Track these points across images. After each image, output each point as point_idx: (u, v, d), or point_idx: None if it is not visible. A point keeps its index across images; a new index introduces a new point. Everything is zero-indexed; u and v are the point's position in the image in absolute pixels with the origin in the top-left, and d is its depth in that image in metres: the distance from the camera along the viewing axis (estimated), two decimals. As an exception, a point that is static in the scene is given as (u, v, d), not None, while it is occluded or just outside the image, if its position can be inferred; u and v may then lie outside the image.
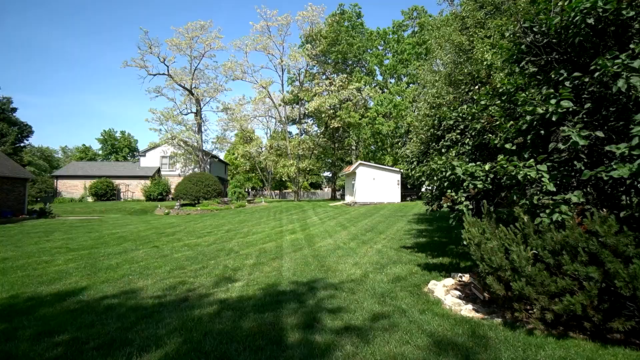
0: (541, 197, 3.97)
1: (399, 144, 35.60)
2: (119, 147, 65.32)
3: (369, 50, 40.07)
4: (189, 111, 36.00)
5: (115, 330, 3.94)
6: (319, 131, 40.83)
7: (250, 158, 41.34)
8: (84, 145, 66.46)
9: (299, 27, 36.80)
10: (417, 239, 10.71)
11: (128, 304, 4.99)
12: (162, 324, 4.09)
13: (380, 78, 41.30)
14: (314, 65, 38.78)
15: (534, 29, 4.35)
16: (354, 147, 41.15)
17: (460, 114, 6.60)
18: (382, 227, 13.46)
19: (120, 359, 3.22)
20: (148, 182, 37.27)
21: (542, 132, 4.14)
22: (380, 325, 3.99)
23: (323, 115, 35.27)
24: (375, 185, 27.93)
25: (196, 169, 35.76)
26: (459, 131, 6.67)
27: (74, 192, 37.39)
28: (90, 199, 36.00)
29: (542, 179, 3.87)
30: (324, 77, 38.29)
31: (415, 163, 8.09)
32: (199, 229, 14.87)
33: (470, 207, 5.39)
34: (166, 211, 25.37)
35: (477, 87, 7.31)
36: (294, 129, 45.98)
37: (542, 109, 3.89)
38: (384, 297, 5.06)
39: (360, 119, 35.17)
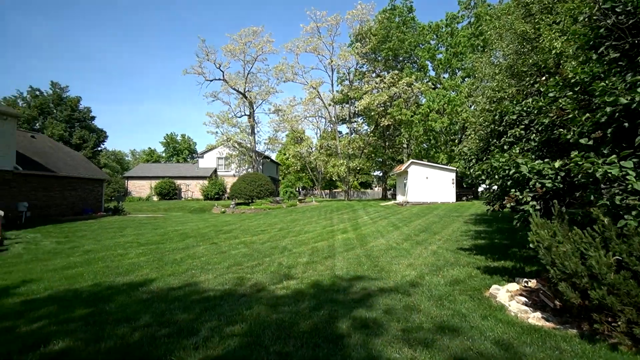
0: (625, 198, 3.55)
1: (455, 141, 34.07)
2: (180, 150, 70.06)
3: (420, 45, 38.79)
4: (243, 114, 37.57)
5: (183, 320, 4.23)
6: (369, 130, 40.43)
7: (300, 158, 42.12)
8: (149, 148, 72.34)
9: (348, 25, 36.77)
10: (475, 240, 10.17)
11: (192, 296, 5.33)
12: (224, 317, 4.30)
13: (432, 73, 39.80)
14: (364, 64, 38.45)
15: (617, 9, 3.90)
16: (405, 146, 40.12)
17: (525, 108, 6.14)
18: (436, 228, 12.97)
19: (189, 347, 3.45)
20: (206, 182, 39.53)
21: (626, 124, 3.71)
22: (439, 329, 3.85)
23: (373, 114, 34.86)
24: (428, 184, 26.99)
25: (250, 170, 37.20)
26: (523, 126, 6.20)
27: (141, 192, 40.83)
28: (155, 198, 39.07)
29: (627, 177, 3.47)
30: (373, 74, 37.81)
31: (473, 161, 7.68)
32: (253, 227, 15.45)
33: (538, 207, 4.99)
34: (222, 210, 26.72)
35: (543, 78, 6.74)
36: (343, 129, 46.03)
37: (627, 99, 3.48)
38: (441, 300, 4.87)
39: (411, 116, 34.19)
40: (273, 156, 50.26)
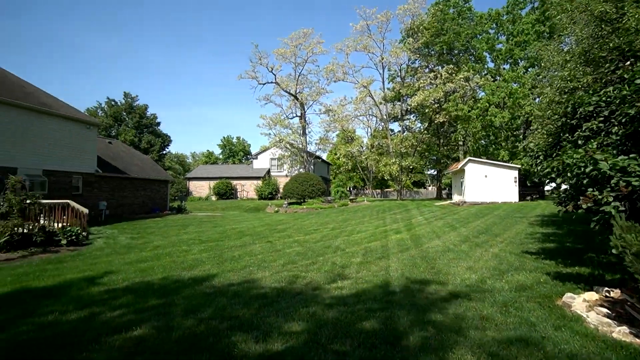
0: None
1: (520, 137, 31.74)
2: (235, 151, 73.46)
3: (477, 36, 36.64)
4: (294, 115, 38.39)
5: (243, 315, 4.43)
6: (422, 127, 39.12)
7: (351, 157, 41.98)
8: (208, 150, 76.78)
9: (399, 21, 35.94)
10: (542, 243, 9.37)
11: (251, 292, 5.55)
12: (281, 314, 4.42)
13: (491, 65, 37.41)
14: (416, 59, 37.30)
15: None
16: (461, 143, 38.21)
17: (604, 98, 5.51)
18: (497, 230, 12.18)
19: (250, 341, 3.59)
20: (260, 182, 41.00)
21: None
22: (505, 338, 3.60)
23: (427, 110, 33.67)
24: (488, 183, 25.43)
25: (301, 170, 37.90)
26: (601, 118, 5.57)
27: (201, 192, 43.45)
28: (213, 198, 41.36)
29: None
30: (427, 70, 36.50)
31: (541, 157, 7.06)
32: (306, 226, 15.71)
33: (622, 208, 4.45)
34: (276, 209, 27.53)
35: (628, 63, 6.00)
36: (395, 127, 45.04)
37: None
38: (506, 307, 4.56)
39: (469, 112, 32.46)
40: (324, 156, 50.71)
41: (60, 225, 11.15)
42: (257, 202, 36.13)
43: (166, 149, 58.46)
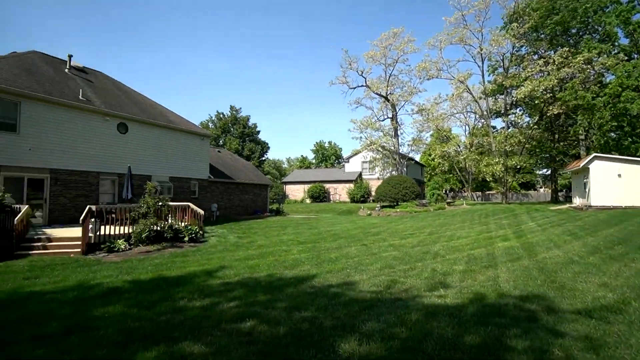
0: None
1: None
2: (328, 156, 75.69)
3: (604, 8, 31.03)
4: (386, 117, 37.82)
5: (344, 316, 4.49)
6: (531, 122, 34.77)
7: (447, 158, 39.57)
8: (301, 156, 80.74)
9: (500, 6, 32.67)
10: None
11: (349, 295, 5.61)
12: (382, 318, 4.36)
13: (625, 41, 31.27)
14: (522, 46, 33.39)
15: None
16: (582, 137, 32.79)
17: None
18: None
19: (352, 341, 3.62)
20: (351, 185, 41.44)
21: None
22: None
23: (537, 102, 29.76)
24: (621, 183, 21.25)
25: (393, 172, 37.11)
26: None
27: (296, 195, 45.81)
28: (308, 201, 43.21)
29: None
30: (535, 56, 32.35)
31: None
32: (401, 230, 15.29)
33: None
34: (368, 212, 27.44)
35: None
36: (498, 123, 41.00)
37: None
38: (662, 336, 3.71)
39: (592, 99, 27.68)
40: (417, 158, 48.87)
41: (183, 224, 12.93)
42: (350, 205, 36.57)
43: (265, 156, 63.31)
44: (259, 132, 61.20)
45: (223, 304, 5.18)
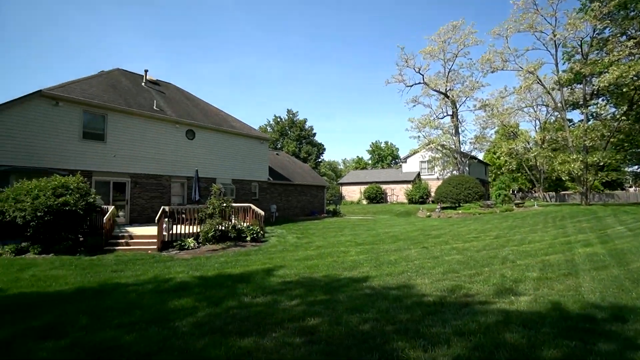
0: None
1: None
2: (384, 156, 74.42)
3: None
4: (445, 114, 36.16)
5: (407, 321, 4.35)
6: (617, 112, 30.84)
7: (515, 156, 36.65)
8: (357, 156, 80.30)
9: (577, -14, 29.50)
10: None
11: (411, 298, 5.43)
12: (448, 325, 4.14)
13: None
14: (605, 28, 29.74)
15: None
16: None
17: None
18: None
19: (417, 348, 3.49)
20: (409, 186, 40.27)
21: None
22: None
23: (625, 90, 26.32)
24: None
25: (454, 172, 35.33)
26: None
27: (352, 196, 45.66)
28: (364, 202, 42.84)
29: None
30: (623, 38, 28.64)
31: None
32: (464, 232, 14.49)
33: None
34: (427, 214, 26.43)
35: None
36: (575, 115, 37.14)
37: None
38: None
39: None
40: (480, 156, 46.03)
41: (245, 224, 13.55)
42: (408, 206, 35.56)
43: (321, 157, 64.10)
44: (315, 134, 62.20)
45: (284, 302, 5.32)
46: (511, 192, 47.48)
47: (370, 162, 76.17)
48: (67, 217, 10.28)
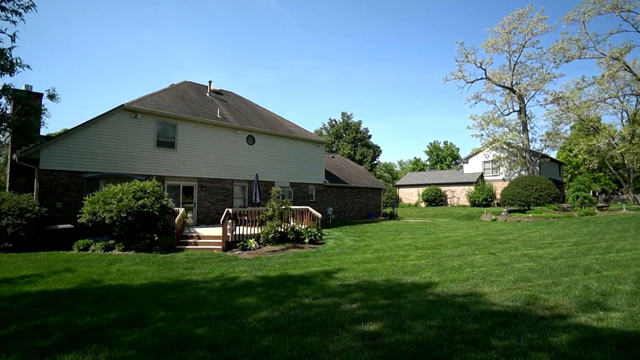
0: None
1: None
2: (443, 157, 71.21)
3: None
4: (511, 110, 33.64)
5: (475, 331, 4.08)
6: None
7: (597, 153, 32.89)
8: (414, 158, 77.77)
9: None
10: None
11: (479, 307, 5.09)
12: (523, 338, 3.81)
13: None
14: None
15: None
16: None
17: None
18: None
19: (489, 362, 3.26)
20: (472, 187, 38.05)
21: None
22: None
23: None
24: None
25: (523, 172, 32.70)
26: None
27: (410, 199, 44.32)
28: (422, 204, 41.36)
29: None
30: None
31: None
32: (535, 238, 13.30)
33: None
34: (493, 217, 24.73)
35: None
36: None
37: None
38: None
39: None
40: (552, 154, 42.06)
41: (303, 226, 13.82)
42: (470, 209, 33.63)
43: (377, 159, 63.20)
44: (370, 136, 61.53)
45: (345, 304, 5.31)
46: (592, 193, 42.64)
47: (428, 163, 73.40)
48: (145, 217, 11.34)
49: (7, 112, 5.32)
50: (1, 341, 3.94)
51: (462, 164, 44.28)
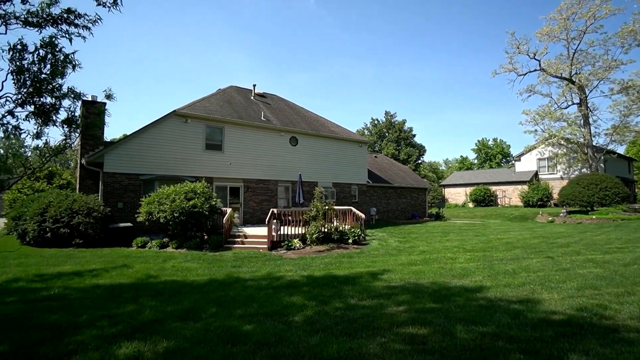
0: None
1: None
2: (492, 155, 67.55)
3: None
4: (570, 103, 31.05)
5: (534, 340, 3.81)
6: None
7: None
8: (461, 156, 74.54)
9: None
10: None
11: (538, 315, 4.75)
12: (592, 352, 3.49)
13: None
14: None
15: None
16: None
17: None
18: None
19: (552, 375, 3.03)
20: (525, 187, 35.69)
21: None
22: None
23: None
24: None
25: (584, 169, 30.08)
26: None
27: (457, 199, 42.53)
28: (470, 205, 39.49)
29: None
30: None
31: None
32: (601, 242, 12.17)
33: None
34: (549, 219, 23.01)
35: None
36: None
37: None
38: None
39: None
40: (620, 150, 38.23)
41: (346, 226, 13.77)
42: (523, 209, 31.55)
43: (421, 159, 61.44)
44: (414, 135, 59.94)
45: (391, 307, 5.20)
46: (668, 193, 38.18)
47: (476, 161, 69.99)
48: (196, 217, 11.93)
49: (76, 114, 5.87)
50: (77, 328, 4.34)
51: (513, 161, 41.69)
